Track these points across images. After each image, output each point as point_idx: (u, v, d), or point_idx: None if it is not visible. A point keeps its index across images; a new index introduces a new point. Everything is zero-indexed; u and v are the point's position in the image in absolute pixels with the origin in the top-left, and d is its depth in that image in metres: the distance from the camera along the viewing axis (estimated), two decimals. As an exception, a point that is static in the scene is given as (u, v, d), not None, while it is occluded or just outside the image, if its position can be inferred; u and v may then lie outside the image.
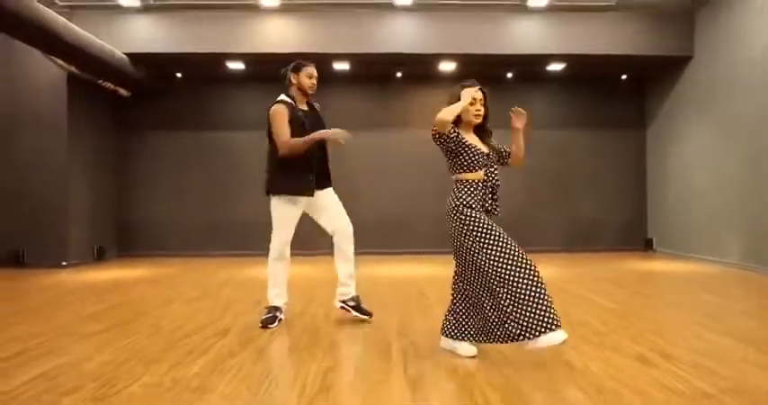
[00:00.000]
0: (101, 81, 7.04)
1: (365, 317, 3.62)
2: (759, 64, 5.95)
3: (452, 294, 2.88)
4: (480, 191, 2.82)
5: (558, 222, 8.48)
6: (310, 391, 2.33)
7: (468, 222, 2.74)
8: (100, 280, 5.91)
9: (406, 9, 6.90)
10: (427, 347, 2.98)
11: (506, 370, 2.59)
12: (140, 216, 8.28)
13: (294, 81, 3.60)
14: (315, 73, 3.62)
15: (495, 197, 2.87)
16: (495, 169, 2.90)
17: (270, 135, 3.58)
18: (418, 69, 7.69)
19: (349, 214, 3.72)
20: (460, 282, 2.83)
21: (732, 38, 6.41)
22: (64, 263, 6.83)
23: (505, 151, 3.06)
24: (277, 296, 3.65)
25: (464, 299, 2.81)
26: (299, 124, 3.48)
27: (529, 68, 7.90)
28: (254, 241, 8.14)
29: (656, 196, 8.37)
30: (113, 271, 6.62)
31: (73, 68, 6.47)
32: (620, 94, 8.57)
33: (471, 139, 2.90)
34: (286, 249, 3.65)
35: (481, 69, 7.71)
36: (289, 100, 3.56)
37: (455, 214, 2.77)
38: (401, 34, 7.01)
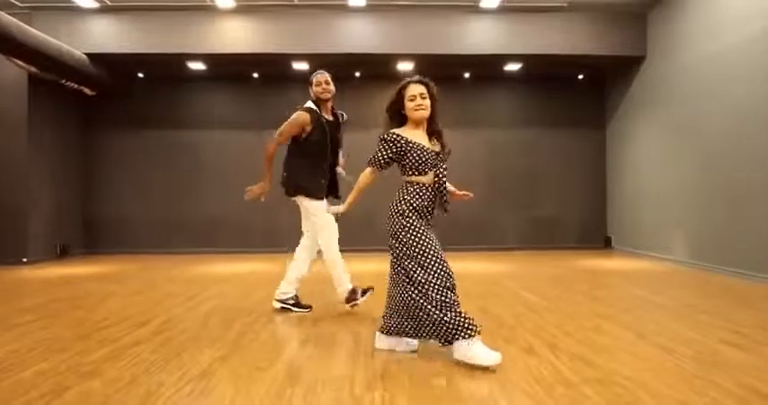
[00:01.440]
0: (64, 81, 7.15)
1: (305, 310, 3.87)
2: (707, 64, 6.07)
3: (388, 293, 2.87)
4: (428, 194, 2.74)
5: (520, 221, 8.60)
6: (189, 376, 2.45)
7: (404, 229, 2.69)
8: (54, 276, 6.03)
9: (361, 10, 7.02)
10: (340, 341, 3.10)
11: (385, 357, 2.72)
12: (106, 214, 8.40)
13: (311, 93, 3.83)
14: (323, 79, 3.78)
15: (445, 198, 2.80)
16: (445, 170, 2.80)
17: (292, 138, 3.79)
18: (377, 69, 7.81)
19: None
20: (391, 282, 2.82)
21: (682, 39, 6.52)
22: (24, 260, 6.95)
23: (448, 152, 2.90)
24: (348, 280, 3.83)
25: (391, 297, 2.82)
26: (322, 130, 3.73)
27: (486, 68, 8.01)
28: (218, 238, 8.31)
29: (614, 195, 8.50)
30: (72, 268, 6.74)
31: (33, 69, 6.58)
32: (578, 94, 8.68)
33: (418, 137, 2.78)
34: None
35: (439, 69, 7.81)
36: (314, 107, 3.78)
37: (395, 218, 2.72)
38: (358, 35, 7.12)
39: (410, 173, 2.75)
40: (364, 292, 3.77)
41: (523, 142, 8.62)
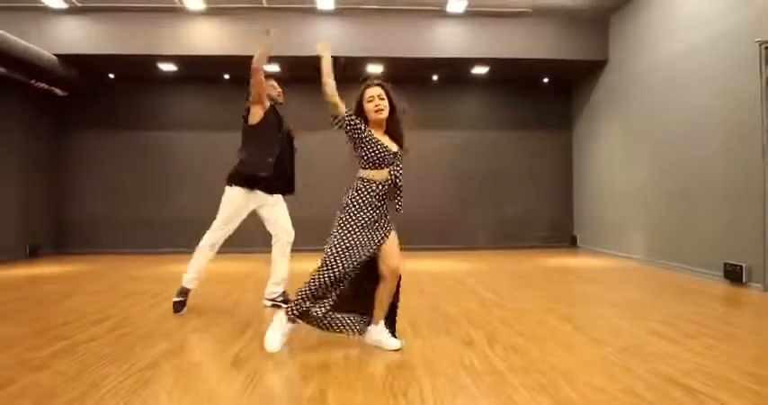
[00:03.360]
0: (33, 81, 7.15)
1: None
2: (663, 68, 6.29)
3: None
4: (380, 191, 2.79)
5: (488, 221, 8.78)
6: (136, 368, 2.56)
7: (342, 223, 2.79)
8: (18, 276, 6.04)
9: (330, 13, 7.14)
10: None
11: (328, 347, 2.85)
12: (76, 214, 8.40)
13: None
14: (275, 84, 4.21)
15: (399, 195, 2.85)
16: (401, 169, 2.84)
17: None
18: (347, 72, 7.92)
19: (293, 213, 4.13)
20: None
21: (640, 43, 6.75)
22: (-8, 259, 6.96)
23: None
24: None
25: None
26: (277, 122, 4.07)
27: (453, 71, 8.18)
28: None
29: (579, 195, 8.73)
30: (39, 268, 6.75)
31: (1, 69, 6.58)
32: (545, 97, 8.90)
33: (380, 137, 2.86)
34: None
35: (407, 72, 7.98)
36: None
37: (341, 210, 2.82)
38: (328, 38, 7.22)
39: (366, 165, 2.82)
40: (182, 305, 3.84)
41: (491, 144, 8.82)
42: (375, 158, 2.79)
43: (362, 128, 2.80)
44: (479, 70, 8.02)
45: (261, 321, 3.60)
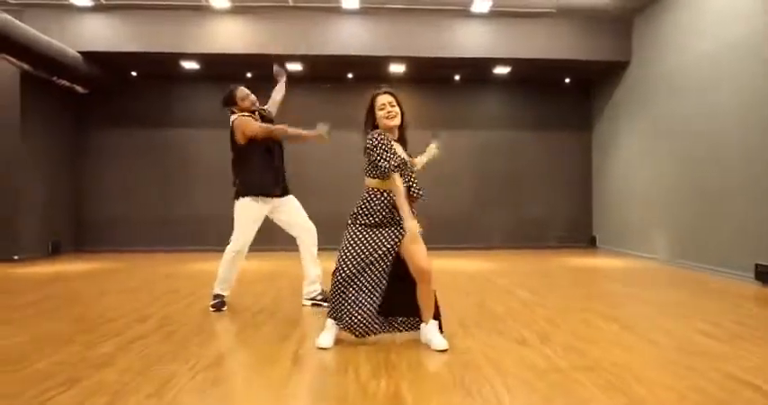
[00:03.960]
0: (55, 78, 7.14)
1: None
2: (688, 70, 6.30)
3: None
4: (390, 200, 2.83)
5: (507, 221, 8.79)
6: (201, 366, 2.55)
7: (352, 231, 2.88)
8: (46, 273, 6.03)
9: (354, 13, 7.14)
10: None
11: (390, 347, 2.84)
12: (97, 212, 8.38)
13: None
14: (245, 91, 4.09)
15: (420, 193, 2.87)
16: (415, 178, 2.89)
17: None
18: (369, 71, 7.93)
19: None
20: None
21: (664, 44, 6.76)
22: (15, 257, 6.92)
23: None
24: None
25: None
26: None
27: (476, 71, 8.19)
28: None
29: (599, 195, 8.74)
30: (64, 265, 6.73)
31: (25, 66, 6.57)
32: (566, 97, 8.91)
33: (395, 145, 2.92)
34: None
35: (429, 71, 7.99)
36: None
37: (349, 221, 2.92)
38: (351, 37, 7.24)
39: (374, 175, 2.86)
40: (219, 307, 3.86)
41: (511, 144, 8.82)
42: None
43: (389, 142, 2.86)
44: (501, 70, 8.03)
45: (304, 320, 3.60)
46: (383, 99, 2.92)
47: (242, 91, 4.02)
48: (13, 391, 2.19)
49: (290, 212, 4.03)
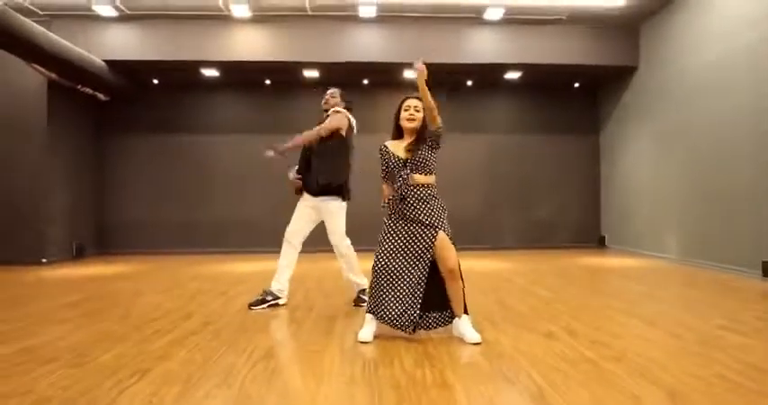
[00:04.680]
0: (79, 86, 7.34)
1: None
2: (696, 75, 6.48)
3: None
4: (397, 201, 3.12)
5: (518, 222, 8.98)
6: (257, 357, 2.74)
7: (382, 230, 3.17)
8: (77, 275, 6.22)
9: (370, 21, 7.34)
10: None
11: (426, 341, 3.03)
12: (119, 215, 8.59)
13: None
14: (327, 92, 4.21)
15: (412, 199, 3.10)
16: (412, 173, 3.11)
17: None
18: (384, 76, 8.13)
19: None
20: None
21: (672, 50, 6.94)
22: (44, 260, 7.13)
23: (437, 127, 3.17)
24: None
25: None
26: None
27: (487, 77, 8.39)
28: (228, 239, 8.56)
29: (608, 196, 8.92)
30: (91, 267, 6.93)
31: (53, 75, 6.77)
32: (574, 102, 9.11)
33: (398, 147, 3.18)
34: None
35: (443, 77, 8.17)
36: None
37: (384, 218, 3.22)
38: (367, 44, 7.44)
39: (388, 182, 3.22)
40: (263, 303, 4.01)
41: (522, 147, 9.02)
42: (387, 173, 3.21)
43: (383, 153, 3.21)
44: (512, 75, 8.22)
45: (343, 314, 3.78)
46: (410, 103, 3.21)
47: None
48: (90, 383, 2.36)
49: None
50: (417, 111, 3.17)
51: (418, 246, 3.08)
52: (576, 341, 3.04)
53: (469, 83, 8.73)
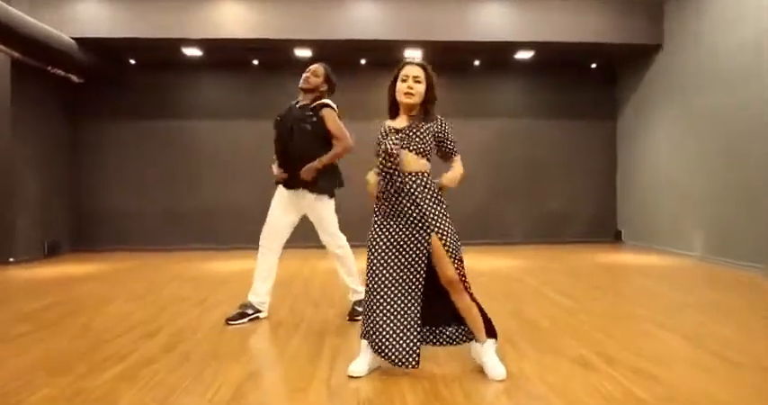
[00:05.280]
0: (49, 68, 6.71)
1: None
2: (726, 57, 5.88)
3: None
4: (385, 181, 2.49)
5: (527, 213, 8.39)
6: (221, 398, 2.18)
7: (371, 233, 2.54)
8: (45, 277, 5.65)
9: (367, -6, 6.68)
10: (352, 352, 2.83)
11: (435, 375, 2.46)
12: (97, 209, 7.97)
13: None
14: (309, 68, 3.57)
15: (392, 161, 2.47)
16: (402, 146, 2.47)
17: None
18: (384, 56, 7.45)
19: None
20: None
21: (701, 28, 6.31)
22: (11, 259, 6.53)
23: (449, 148, 2.62)
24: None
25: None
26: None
27: (496, 56, 7.75)
28: (216, 232, 7.98)
29: (625, 188, 8.33)
30: (62, 267, 6.35)
31: (15, 54, 6.13)
32: (590, 83, 8.46)
33: (396, 121, 2.58)
34: None
35: (447, 56, 7.54)
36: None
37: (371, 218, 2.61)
38: (364, 20, 6.79)
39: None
40: (243, 317, 3.48)
41: (532, 133, 8.38)
42: (378, 148, 2.55)
43: (381, 135, 2.57)
44: (523, 55, 7.57)
45: (334, 331, 3.23)
46: (408, 70, 2.50)
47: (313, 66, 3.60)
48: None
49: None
50: (418, 81, 2.49)
51: (409, 253, 2.46)
52: (616, 371, 2.49)
53: (477, 63, 8.06)
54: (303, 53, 7.25)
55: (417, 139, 2.48)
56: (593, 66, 8.27)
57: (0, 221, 6.52)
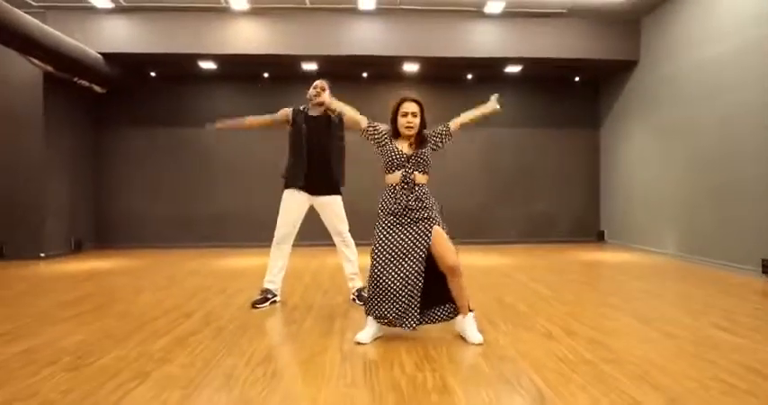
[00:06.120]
0: (75, 79, 7.27)
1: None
2: (698, 70, 6.44)
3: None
4: (398, 193, 3.09)
5: (517, 216, 8.99)
6: (257, 360, 2.74)
7: (377, 228, 3.14)
8: (76, 271, 6.21)
9: (369, 13, 7.26)
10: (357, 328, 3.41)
11: (426, 342, 3.04)
12: (117, 209, 8.56)
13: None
14: (316, 84, 4.22)
15: (413, 197, 3.08)
16: (414, 171, 3.12)
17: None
18: (383, 70, 8.08)
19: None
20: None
21: (675, 45, 6.89)
22: (42, 255, 7.11)
23: (444, 129, 3.26)
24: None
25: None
26: (298, 125, 4.22)
27: (488, 70, 8.33)
28: (226, 233, 8.55)
29: (607, 191, 8.93)
30: (89, 262, 6.92)
31: (49, 68, 6.70)
32: (575, 96, 9.07)
33: (399, 144, 3.16)
34: None
35: (442, 71, 8.13)
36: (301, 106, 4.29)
37: (377, 217, 3.19)
38: (366, 37, 7.37)
39: (384, 171, 3.18)
40: (266, 301, 4.06)
41: (521, 141, 9.00)
42: (388, 163, 3.14)
43: (380, 135, 3.18)
44: (512, 69, 8.17)
45: (338, 314, 3.79)
46: (408, 107, 3.13)
47: (318, 81, 4.23)
48: (91, 387, 2.37)
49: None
50: (415, 116, 3.12)
51: (413, 242, 3.06)
52: (574, 342, 3.06)
53: (469, 76, 8.68)
54: (310, 67, 7.83)
55: (423, 163, 3.16)
56: (577, 79, 8.88)
57: (32, 220, 7.11)
